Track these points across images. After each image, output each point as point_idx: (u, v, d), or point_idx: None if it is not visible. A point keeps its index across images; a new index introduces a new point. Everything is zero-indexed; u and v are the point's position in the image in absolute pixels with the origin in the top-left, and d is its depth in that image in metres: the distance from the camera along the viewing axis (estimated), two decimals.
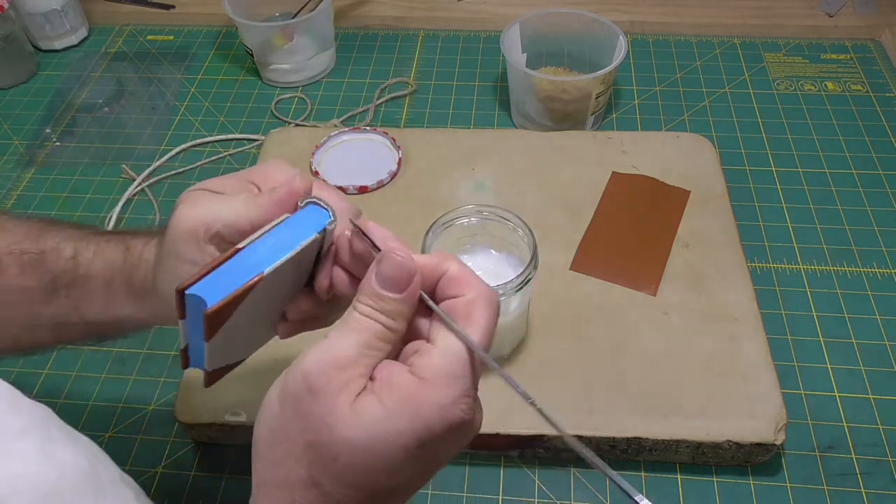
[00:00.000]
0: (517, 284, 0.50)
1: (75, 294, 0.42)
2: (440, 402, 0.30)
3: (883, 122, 0.80)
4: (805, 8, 0.93)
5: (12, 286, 0.41)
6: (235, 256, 0.33)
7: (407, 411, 0.30)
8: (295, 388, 0.31)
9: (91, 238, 0.43)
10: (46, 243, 0.42)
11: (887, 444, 0.55)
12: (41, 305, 0.42)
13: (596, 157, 0.72)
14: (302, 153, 0.74)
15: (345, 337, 0.31)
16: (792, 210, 0.71)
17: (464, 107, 0.84)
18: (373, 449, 0.30)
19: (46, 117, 0.86)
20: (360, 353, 0.31)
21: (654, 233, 0.65)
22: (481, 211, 0.53)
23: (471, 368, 0.31)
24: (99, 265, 0.42)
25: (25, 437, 0.26)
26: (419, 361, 0.31)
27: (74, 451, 0.27)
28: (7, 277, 0.41)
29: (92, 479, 0.27)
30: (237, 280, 0.32)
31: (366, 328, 0.32)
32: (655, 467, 0.55)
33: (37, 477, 0.25)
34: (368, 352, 0.31)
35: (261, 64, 0.88)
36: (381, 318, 0.32)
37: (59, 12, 0.92)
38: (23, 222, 0.44)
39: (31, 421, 0.26)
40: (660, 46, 0.91)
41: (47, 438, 0.26)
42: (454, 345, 0.31)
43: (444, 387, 0.30)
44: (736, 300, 0.60)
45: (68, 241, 0.43)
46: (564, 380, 0.56)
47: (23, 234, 0.42)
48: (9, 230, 0.43)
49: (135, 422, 0.59)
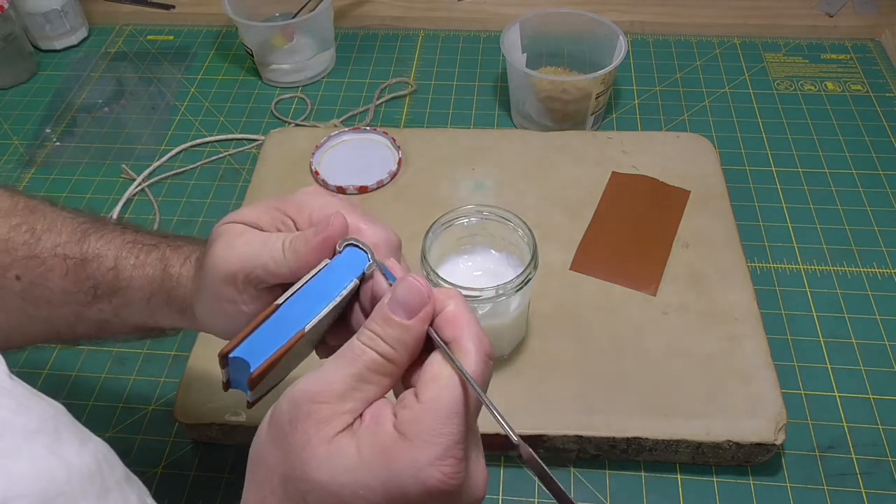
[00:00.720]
0: (517, 284, 0.50)
1: (117, 302, 0.42)
2: (417, 462, 0.28)
3: (883, 122, 0.80)
4: (805, 8, 0.93)
5: (57, 288, 0.42)
6: (276, 314, 0.33)
7: (380, 466, 0.28)
8: (279, 415, 0.30)
9: (131, 247, 0.43)
10: (89, 249, 0.42)
11: (887, 444, 0.55)
12: (84, 307, 0.42)
13: (596, 157, 0.72)
14: (302, 153, 0.74)
15: (338, 368, 0.30)
16: (792, 210, 0.71)
17: (464, 107, 0.84)
18: (340, 496, 0.28)
19: (46, 117, 0.86)
20: (349, 387, 0.30)
21: (654, 233, 0.65)
22: (481, 211, 0.53)
23: (460, 425, 0.29)
24: (139, 280, 0.42)
25: (36, 438, 0.26)
26: (401, 414, 0.29)
27: (83, 451, 0.27)
28: (53, 278, 0.42)
29: (97, 479, 0.27)
30: (279, 339, 0.32)
31: (359, 357, 0.30)
32: (655, 467, 0.55)
33: (45, 478, 0.25)
34: (360, 385, 0.30)
35: (261, 64, 0.88)
36: (380, 346, 0.30)
37: (59, 12, 0.92)
38: (68, 221, 0.44)
39: (41, 421, 0.26)
40: (660, 46, 0.91)
41: (57, 439, 0.26)
42: (441, 398, 0.29)
43: (423, 445, 0.28)
44: (736, 300, 0.60)
45: (109, 248, 0.42)
46: (564, 380, 0.56)
47: (67, 236, 0.43)
48: (56, 230, 0.43)
49: (135, 422, 0.59)
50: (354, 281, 0.34)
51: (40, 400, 0.28)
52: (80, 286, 0.42)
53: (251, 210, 0.39)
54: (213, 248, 0.37)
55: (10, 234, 0.42)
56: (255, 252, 0.36)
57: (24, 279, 0.42)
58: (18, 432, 0.25)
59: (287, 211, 0.38)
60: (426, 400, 0.29)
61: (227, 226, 0.38)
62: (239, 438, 0.56)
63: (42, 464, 0.25)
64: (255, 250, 0.36)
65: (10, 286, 0.41)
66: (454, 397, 0.29)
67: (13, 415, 0.26)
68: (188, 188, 0.77)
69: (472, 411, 0.30)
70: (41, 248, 0.42)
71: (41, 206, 0.44)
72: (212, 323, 0.40)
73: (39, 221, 0.43)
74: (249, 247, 0.37)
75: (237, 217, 0.38)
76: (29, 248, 0.42)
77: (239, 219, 0.38)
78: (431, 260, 0.51)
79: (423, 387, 0.30)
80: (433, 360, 0.31)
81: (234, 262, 0.36)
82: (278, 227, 0.38)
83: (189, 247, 0.43)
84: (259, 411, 0.34)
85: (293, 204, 0.38)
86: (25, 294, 0.42)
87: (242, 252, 0.36)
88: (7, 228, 0.42)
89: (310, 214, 0.38)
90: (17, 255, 0.41)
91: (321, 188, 0.40)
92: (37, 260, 0.42)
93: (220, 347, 0.33)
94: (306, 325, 0.33)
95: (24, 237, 0.42)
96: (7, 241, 0.42)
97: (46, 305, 0.42)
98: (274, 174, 0.72)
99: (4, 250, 0.41)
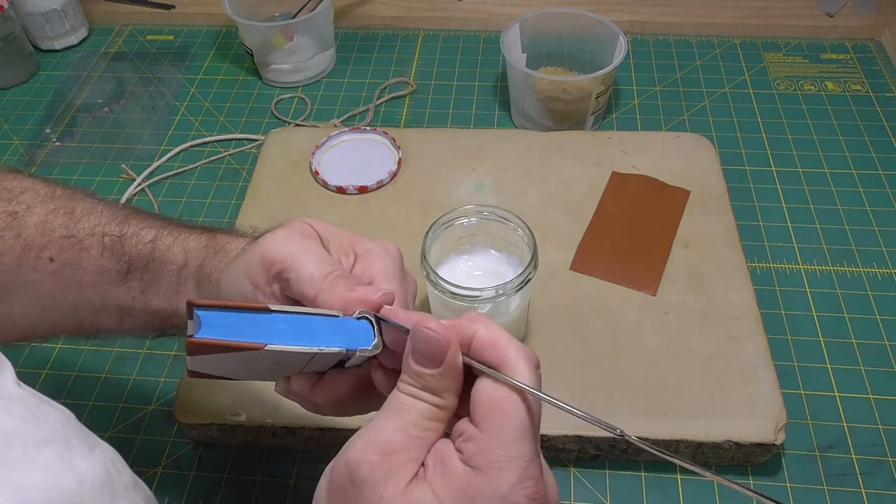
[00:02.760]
0: (517, 284, 0.50)
1: (147, 277, 0.42)
2: (500, 491, 0.27)
3: (883, 122, 0.80)
4: (805, 8, 0.93)
5: (90, 267, 0.42)
6: (260, 314, 0.33)
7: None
8: (339, 480, 0.29)
9: (174, 228, 0.44)
10: (129, 227, 0.43)
11: (887, 444, 0.55)
12: (112, 287, 0.42)
13: (596, 157, 0.72)
14: (302, 153, 0.74)
15: (390, 419, 0.30)
16: (792, 210, 0.71)
17: (464, 107, 0.84)
18: None
19: (46, 117, 0.86)
20: (407, 436, 0.29)
21: (654, 233, 0.65)
22: (481, 211, 0.53)
23: (530, 441, 0.28)
24: (176, 251, 0.42)
25: (46, 448, 0.25)
26: (467, 447, 0.28)
27: (92, 458, 0.27)
28: (88, 258, 0.42)
29: (107, 487, 0.27)
30: (242, 334, 0.31)
31: (410, 408, 0.30)
32: (655, 467, 0.55)
33: (56, 487, 0.25)
34: (417, 432, 0.29)
35: (261, 64, 0.88)
36: (426, 397, 0.30)
37: (59, 12, 0.92)
38: (109, 206, 0.44)
39: (52, 430, 0.26)
40: (660, 46, 0.91)
41: (67, 448, 0.26)
42: (508, 423, 0.28)
43: (500, 473, 0.27)
44: (736, 300, 0.60)
45: (150, 228, 0.43)
46: (564, 380, 0.56)
47: (108, 218, 0.43)
48: (97, 213, 0.43)
49: (135, 422, 0.59)
50: (338, 349, 0.33)
51: (49, 407, 0.27)
52: (115, 263, 0.42)
53: (332, 228, 0.40)
54: (277, 231, 0.38)
55: (48, 217, 0.42)
56: (303, 260, 0.37)
57: (57, 260, 0.42)
58: (29, 442, 0.25)
59: (357, 250, 0.39)
60: (492, 429, 0.28)
61: (304, 223, 0.39)
62: (239, 438, 0.56)
63: (53, 475, 0.25)
64: (304, 259, 0.37)
65: (44, 267, 0.42)
66: (522, 420, 0.29)
67: (23, 424, 0.25)
68: (188, 188, 0.77)
69: (537, 427, 0.30)
70: (80, 229, 0.42)
71: (80, 193, 0.45)
72: (230, 291, 0.40)
73: (79, 206, 0.43)
74: (303, 253, 0.37)
75: (318, 224, 0.39)
76: (67, 229, 0.42)
77: (318, 226, 0.39)
78: (431, 260, 0.51)
79: (483, 415, 0.29)
80: (484, 386, 0.30)
81: (281, 253, 0.37)
82: (341, 258, 0.39)
83: (241, 235, 0.43)
84: (256, 410, 0.33)
85: (366, 248, 0.39)
86: (57, 275, 0.42)
87: (293, 251, 0.37)
88: (46, 212, 0.42)
89: (371, 266, 0.38)
90: (55, 235, 0.42)
91: (396, 251, 0.40)
92: (73, 240, 0.42)
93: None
94: (269, 345, 0.32)
95: (63, 219, 0.43)
96: (45, 223, 0.42)
97: (76, 287, 0.42)
98: (274, 174, 0.72)
99: (42, 232, 0.42)
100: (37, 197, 0.43)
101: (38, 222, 0.42)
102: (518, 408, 0.29)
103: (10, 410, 0.26)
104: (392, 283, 0.38)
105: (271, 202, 0.70)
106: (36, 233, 0.42)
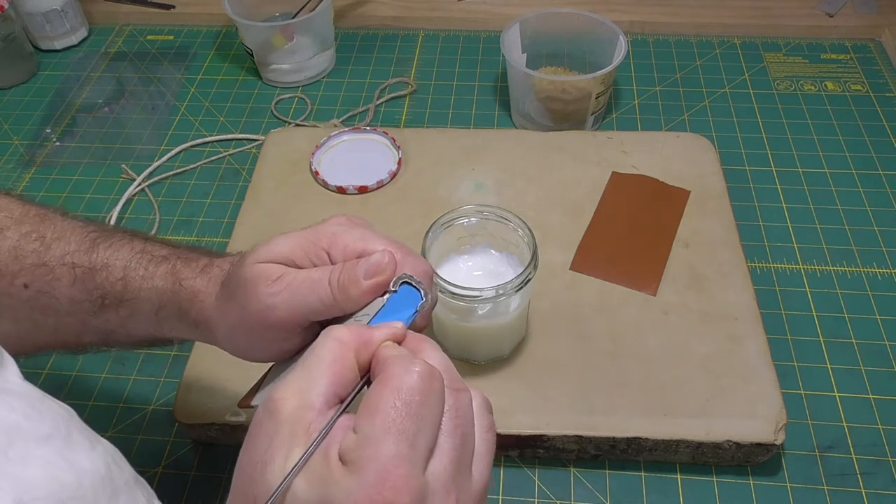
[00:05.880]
0: (517, 284, 0.50)
1: (123, 312, 0.42)
2: (352, 493, 0.27)
3: (883, 122, 0.80)
4: (805, 8, 0.93)
5: (63, 298, 0.42)
6: None
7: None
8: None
9: (140, 258, 0.42)
10: (97, 258, 0.42)
11: (887, 444, 0.55)
12: (90, 317, 0.42)
13: (596, 157, 0.72)
14: (302, 153, 0.74)
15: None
16: (792, 210, 0.71)
17: (464, 107, 0.84)
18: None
19: (46, 117, 0.86)
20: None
21: (654, 233, 0.65)
22: (481, 211, 0.53)
23: (404, 439, 0.28)
24: (147, 292, 0.41)
25: (48, 443, 0.26)
26: (348, 439, 0.29)
27: (93, 454, 0.27)
28: (60, 287, 0.41)
29: (108, 482, 0.27)
30: None
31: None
32: (655, 467, 0.55)
33: (57, 483, 0.25)
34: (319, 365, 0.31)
35: (261, 64, 0.88)
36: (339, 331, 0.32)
37: (59, 12, 0.92)
38: (77, 229, 0.43)
39: (54, 425, 0.26)
40: (660, 46, 0.91)
41: (69, 443, 0.26)
42: (377, 422, 0.28)
43: (357, 471, 0.28)
44: (736, 300, 0.60)
45: (118, 258, 0.42)
46: (564, 380, 0.56)
47: (76, 244, 0.42)
48: (65, 239, 0.42)
49: (135, 422, 0.59)
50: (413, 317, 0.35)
51: (52, 403, 0.28)
52: (87, 295, 0.42)
53: (282, 243, 0.38)
54: (254, 294, 0.37)
55: (20, 242, 0.42)
56: (301, 300, 0.36)
57: (31, 287, 0.41)
58: (31, 437, 0.25)
59: (320, 243, 0.37)
60: (364, 423, 0.29)
61: (263, 267, 0.37)
62: (239, 438, 0.56)
63: (54, 470, 0.25)
64: (301, 297, 0.36)
65: (19, 294, 0.41)
66: (393, 414, 0.29)
67: (26, 419, 0.26)
68: (188, 188, 0.77)
69: (422, 424, 0.29)
70: (50, 257, 0.42)
71: (51, 214, 0.44)
72: (239, 350, 0.40)
73: (49, 230, 0.43)
74: (295, 295, 0.36)
75: (269, 255, 0.37)
76: (38, 256, 0.42)
77: (271, 257, 0.37)
78: (431, 260, 0.51)
79: (360, 410, 0.30)
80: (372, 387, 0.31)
81: (282, 311, 0.36)
82: (313, 262, 0.37)
83: (201, 258, 0.42)
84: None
85: (326, 236, 0.38)
86: (33, 302, 0.42)
87: (289, 301, 0.36)
88: (18, 236, 0.42)
89: (345, 246, 0.37)
90: (27, 262, 0.41)
91: (351, 218, 0.39)
92: (45, 268, 0.41)
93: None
94: None
95: (34, 245, 0.42)
96: (17, 248, 0.41)
97: (54, 314, 0.42)
98: (274, 174, 0.72)
99: (14, 258, 0.41)
100: (10, 219, 0.42)
101: (11, 247, 0.41)
102: (390, 403, 0.29)
103: (12, 406, 0.26)
104: (375, 243, 0.37)
105: (271, 202, 0.70)
106: (9, 258, 0.41)
